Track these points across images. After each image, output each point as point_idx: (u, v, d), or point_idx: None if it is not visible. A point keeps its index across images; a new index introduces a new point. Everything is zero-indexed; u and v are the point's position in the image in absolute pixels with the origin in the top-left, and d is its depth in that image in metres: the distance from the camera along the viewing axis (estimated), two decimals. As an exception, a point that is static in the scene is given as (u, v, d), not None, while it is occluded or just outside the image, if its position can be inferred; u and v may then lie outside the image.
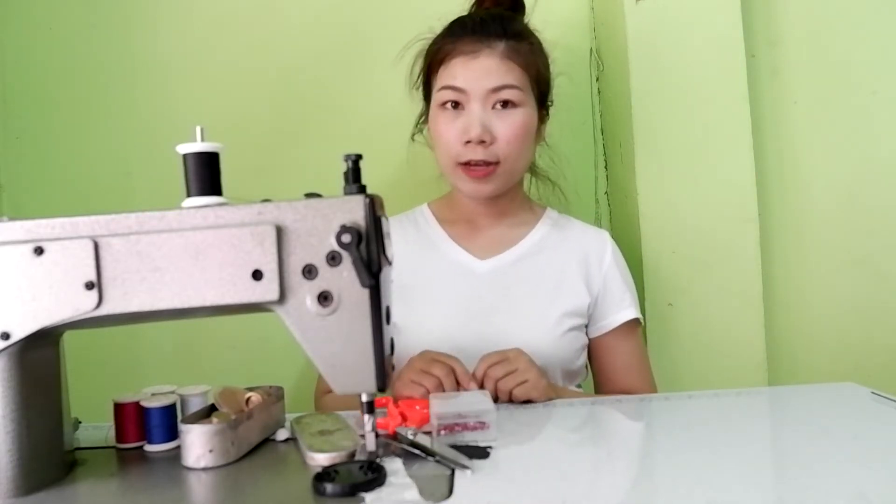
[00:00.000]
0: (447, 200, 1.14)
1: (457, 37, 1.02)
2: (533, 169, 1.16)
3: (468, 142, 0.99)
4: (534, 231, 1.10)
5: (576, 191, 1.31)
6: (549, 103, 1.10)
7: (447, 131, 1.01)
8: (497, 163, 1.00)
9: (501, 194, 1.06)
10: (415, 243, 1.09)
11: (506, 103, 1.00)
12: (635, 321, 1.07)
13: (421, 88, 1.11)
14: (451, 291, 1.04)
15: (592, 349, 1.08)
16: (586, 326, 1.06)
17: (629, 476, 0.62)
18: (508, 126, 0.99)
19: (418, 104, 1.13)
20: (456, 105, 1.01)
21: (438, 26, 1.07)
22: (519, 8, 1.12)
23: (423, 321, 1.01)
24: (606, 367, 1.08)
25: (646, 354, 1.12)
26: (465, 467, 0.62)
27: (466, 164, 1.00)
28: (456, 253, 1.08)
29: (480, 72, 0.99)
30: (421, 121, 1.14)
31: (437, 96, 1.03)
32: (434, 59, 1.05)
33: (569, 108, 1.30)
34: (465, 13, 1.10)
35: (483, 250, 1.07)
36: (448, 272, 1.06)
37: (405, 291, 1.01)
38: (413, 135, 1.16)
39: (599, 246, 1.09)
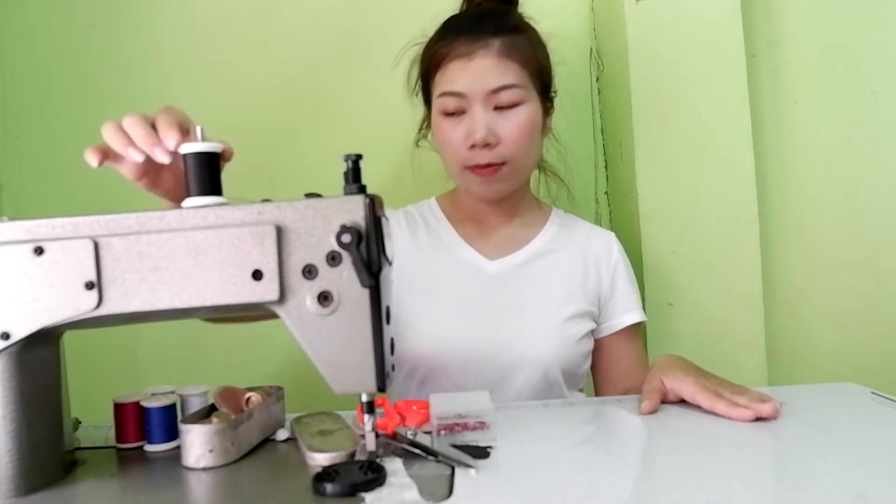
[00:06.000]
0: (454, 198, 1.13)
1: (451, 38, 1.00)
2: (541, 165, 1.15)
3: (473, 146, 0.97)
4: (543, 232, 1.09)
5: (574, 190, 1.31)
6: (553, 94, 1.08)
7: (452, 137, 0.99)
8: (503, 163, 0.99)
9: (510, 194, 1.05)
10: (424, 239, 1.08)
11: (507, 103, 0.98)
12: (639, 322, 1.07)
13: (420, 94, 1.09)
14: (461, 291, 1.03)
15: (595, 349, 1.07)
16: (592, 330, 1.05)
17: (629, 476, 0.62)
18: (513, 126, 0.98)
19: (417, 107, 1.11)
20: (458, 110, 0.99)
21: (431, 29, 1.05)
22: (512, 0, 1.09)
23: (430, 319, 1.00)
24: (610, 367, 1.07)
25: (646, 355, 1.12)
26: (469, 466, 0.62)
27: (473, 168, 0.99)
28: (466, 252, 1.06)
29: (477, 73, 0.97)
30: (424, 125, 1.13)
31: (438, 103, 1.01)
32: (430, 63, 1.02)
33: (569, 107, 1.29)
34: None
35: (493, 251, 1.06)
36: (458, 271, 1.05)
37: (413, 287, 1.01)
38: (417, 140, 1.15)
39: (606, 248, 1.09)
